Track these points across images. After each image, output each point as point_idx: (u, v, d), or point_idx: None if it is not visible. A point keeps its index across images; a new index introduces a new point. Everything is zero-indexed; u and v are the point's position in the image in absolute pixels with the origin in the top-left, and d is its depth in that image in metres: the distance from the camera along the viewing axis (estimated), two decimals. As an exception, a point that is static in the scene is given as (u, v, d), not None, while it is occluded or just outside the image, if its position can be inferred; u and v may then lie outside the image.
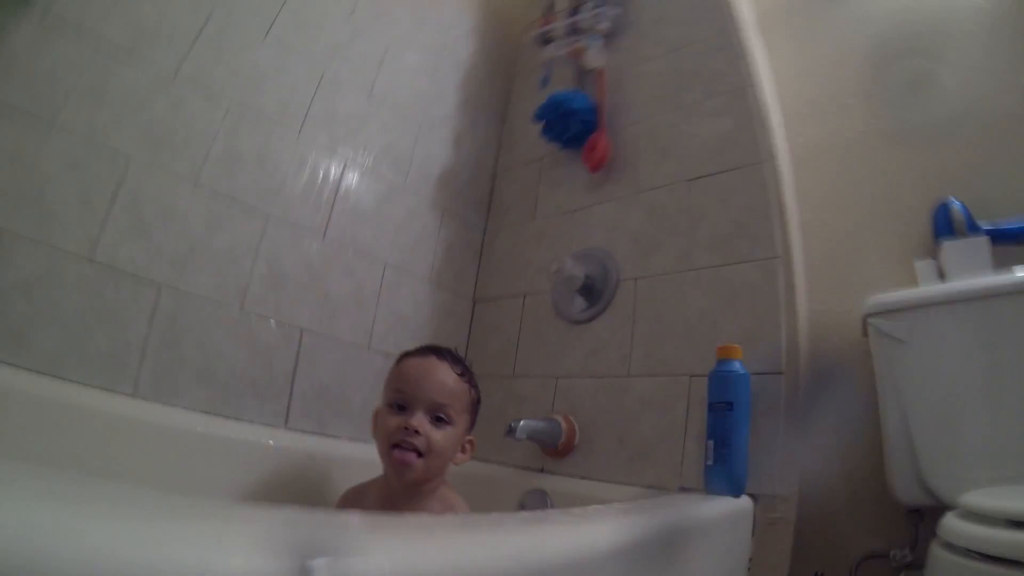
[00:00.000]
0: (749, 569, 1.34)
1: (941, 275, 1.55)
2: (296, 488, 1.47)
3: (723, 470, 1.33)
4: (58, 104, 1.28)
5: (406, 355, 1.30)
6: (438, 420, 1.21)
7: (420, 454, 1.17)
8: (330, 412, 1.71)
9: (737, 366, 1.36)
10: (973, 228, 1.55)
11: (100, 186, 1.33)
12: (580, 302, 1.84)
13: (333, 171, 1.82)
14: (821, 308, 1.69)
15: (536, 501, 1.60)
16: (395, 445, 1.18)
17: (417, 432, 1.17)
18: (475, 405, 1.32)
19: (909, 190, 1.74)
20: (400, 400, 1.22)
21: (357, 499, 1.31)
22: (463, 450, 1.29)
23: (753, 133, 1.63)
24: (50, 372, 1.22)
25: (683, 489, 1.46)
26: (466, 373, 1.30)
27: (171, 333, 1.42)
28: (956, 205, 1.57)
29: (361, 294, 1.84)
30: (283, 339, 1.63)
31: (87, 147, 1.32)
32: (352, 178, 1.86)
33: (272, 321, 1.61)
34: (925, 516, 1.46)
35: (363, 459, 1.39)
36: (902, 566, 1.47)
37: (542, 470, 1.76)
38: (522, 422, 1.54)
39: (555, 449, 1.70)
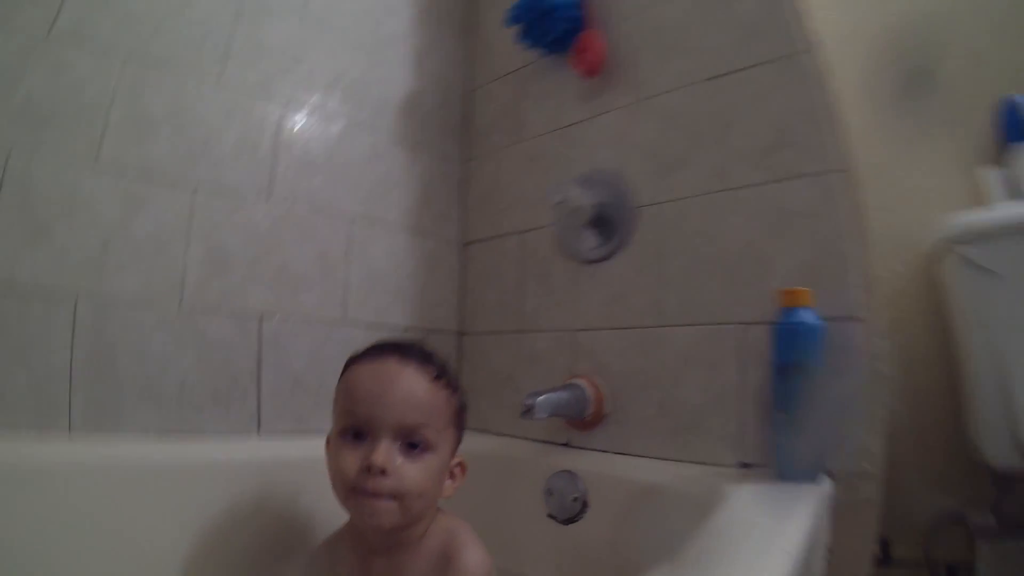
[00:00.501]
0: (829, 561, 1.09)
1: (1013, 187, 1.35)
2: (279, 509, 1.25)
3: (799, 449, 1.08)
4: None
5: (354, 360, 0.99)
6: (411, 447, 0.91)
7: (393, 497, 0.88)
8: (309, 404, 1.49)
9: (808, 315, 1.09)
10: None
11: None
12: (591, 237, 1.56)
13: (270, 116, 1.51)
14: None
15: (566, 485, 1.36)
16: (357, 490, 0.88)
17: (384, 472, 0.87)
18: (460, 414, 1.02)
19: (969, 85, 1.52)
20: (356, 425, 0.91)
21: (328, 558, 1.03)
22: (451, 475, 1.00)
23: (787, 16, 1.30)
24: None
25: (743, 465, 1.22)
26: (442, 375, 0.98)
27: (100, 350, 1.20)
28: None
29: (326, 258, 1.58)
30: (238, 331, 1.40)
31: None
32: (295, 121, 1.56)
33: (221, 313, 1.37)
34: (1014, 477, 1.30)
35: None
36: (983, 532, 1.32)
37: (567, 444, 1.52)
38: (540, 397, 1.29)
39: (583, 420, 1.46)
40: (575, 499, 1.32)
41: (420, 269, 1.81)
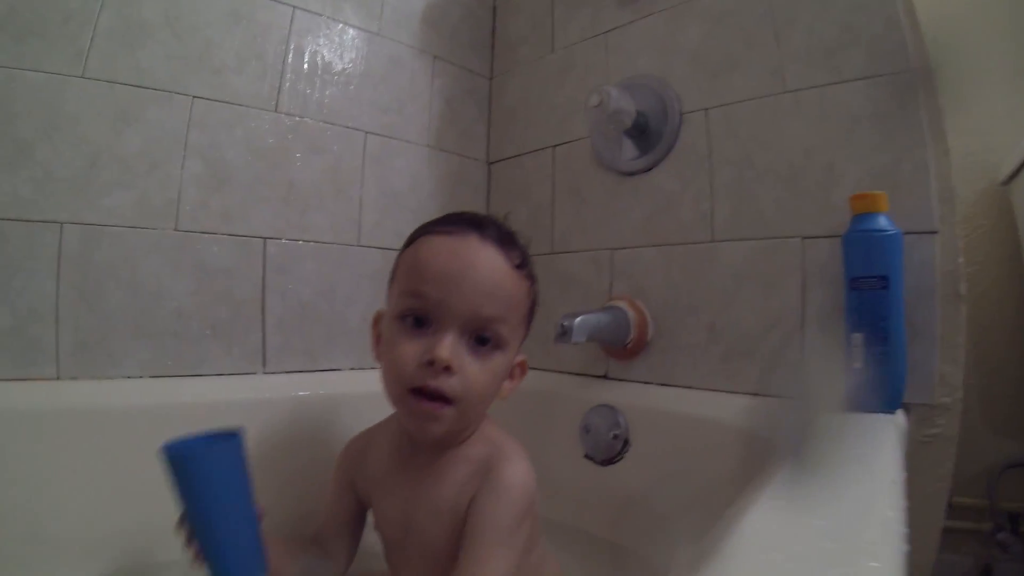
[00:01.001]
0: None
1: None
2: (289, 450, 1.19)
3: (881, 375, 0.96)
4: None
5: (426, 231, 0.87)
6: (480, 341, 0.80)
7: (450, 401, 0.78)
8: (320, 339, 1.42)
9: (885, 222, 0.97)
10: None
11: None
12: (631, 148, 1.44)
13: (279, 19, 1.39)
14: None
15: (605, 421, 1.27)
16: (415, 389, 0.78)
17: (448, 368, 0.76)
18: (533, 311, 0.91)
19: None
20: (420, 310, 0.80)
21: (362, 455, 0.96)
22: (511, 376, 0.90)
23: None
24: None
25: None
26: (525, 262, 0.87)
27: (88, 283, 1.13)
28: None
29: (338, 175, 1.47)
30: (241, 256, 1.31)
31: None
32: (305, 23, 1.44)
33: (221, 235, 1.28)
34: None
35: (372, 392, 1.09)
36: None
37: (606, 376, 1.44)
38: (578, 319, 1.18)
39: (623, 348, 1.35)
40: (615, 436, 1.24)
41: (442, 188, 1.71)
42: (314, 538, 0.95)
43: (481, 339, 0.80)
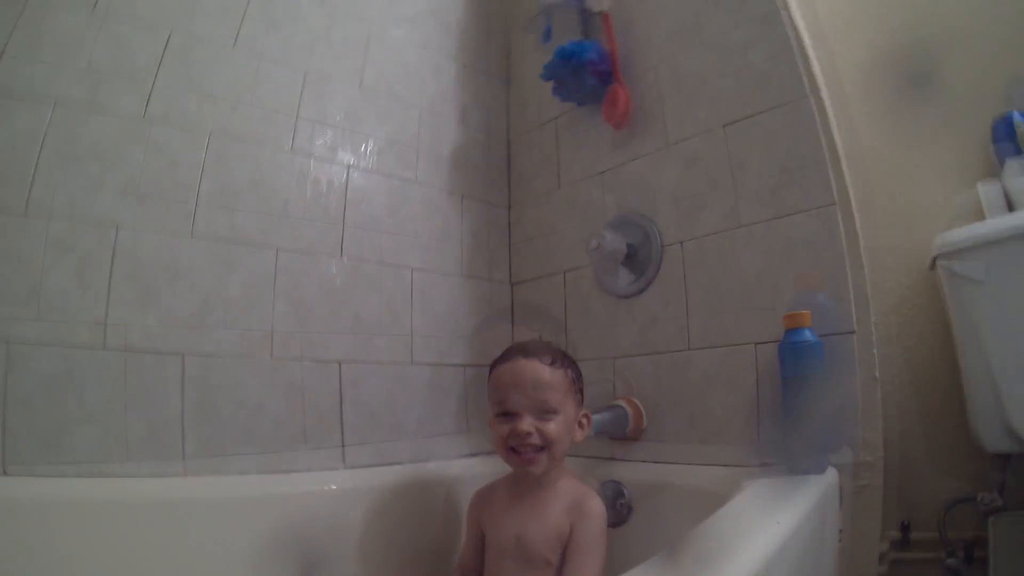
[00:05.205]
0: (840, 541, 1.28)
1: (1008, 199, 1.44)
2: (368, 526, 1.43)
3: (805, 447, 1.24)
4: (25, 182, 1.20)
5: (496, 363, 1.30)
6: (545, 414, 1.22)
7: (541, 448, 1.20)
8: (385, 440, 1.65)
9: (808, 335, 1.24)
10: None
11: (93, 263, 1.26)
12: (625, 275, 1.72)
13: (337, 179, 1.68)
14: (877, 246, 1.55)
15: (613, 492, 1.53)
16: (513, 449, 1.22)
17: (530, 433, 1.19)
18: (576, 383, 1.31)
19: (966, 105, 1.60)
20: (503, 409, 1.23)
21: (487, 498, 1.36)
22: (580, 426, 1.30)
23: (792, 63, 1.45)
24: (94, 473, 1.18)
25: (764, 464, 1.36)
26: (556, 360, 1.27)
27: (206, 399, 1.35)
28: (1020, 118, 1.44)
29: (393, 306, 1.74)
30: (321, 376, 1.55)
31: (68, 223, 1.24)
32: (359, 181, 1.72)
33: (305, 360, 1.53)
34: (1013, 459, 1.40)
35: (431, 478, 1.51)
36: (991, 510, 1.42)
37: (612, 458, 1.67)
38: (595, 417, 1.44)
39: (624, 436, 1.62)
40: (621, 505, 1.49)
41: (475, 310, 1.96)
42: (459, 567, 1.35)
43: (544, 412, 1.21)
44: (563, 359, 1.29)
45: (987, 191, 1.49)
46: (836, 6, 1.81)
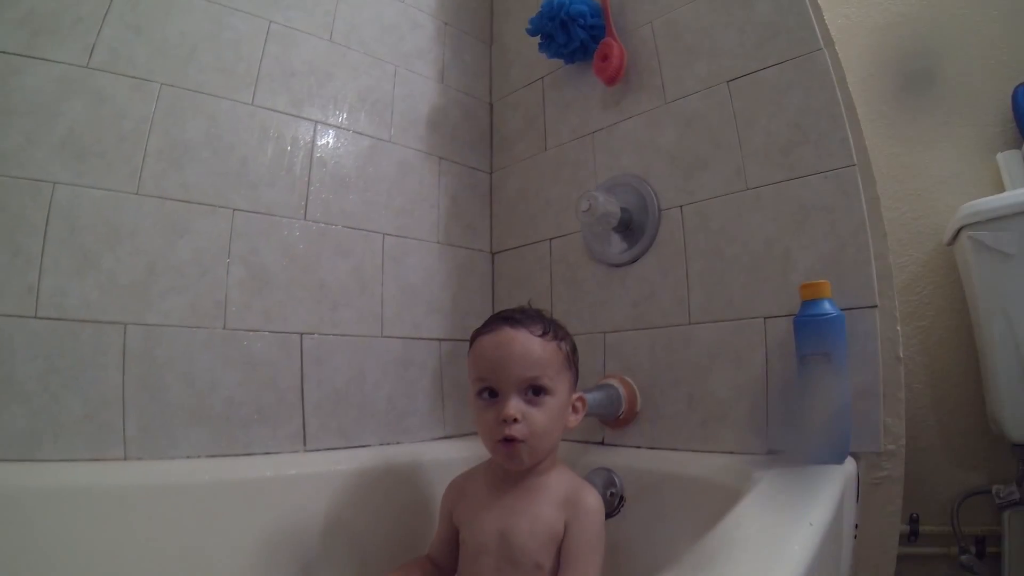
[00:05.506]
0: (856, 538, 1.16)
1: None
2: (328, 516, 1.32)
3: (823, 433, 1.11)
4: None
5: (477, 334, 1.14)
6: (535, 392, 1.07)
7: (522, 440, 1.05)
8: (352, 420, 1.53)
9: (828, 306, 1.12)
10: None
11: (25, 224, 1.15)
12: (618, 242, 1.59)
13: (302, 137, 1.55)
14: (889, 218, 1.46)
15: (603, 480, 1.40)
16: (498, 439, 1.06)
17: (516, 420, 1.04)
18: (572, 358, 1.16)
19: (982, 77, 1.56)
20: (486, 387, 1.09)
21: (460, 489, 1.21)
22: (574, 410, 1.17)
23: (803, 14, 1.32)
24: (24, 456, 1.09)
25: (772, 452, 1.25)
26: (549, 331, 1.12)
27: (150, 375, 1.25)
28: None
29: (361, 274, 1.61)
30: (281, 350, 1.44)
31: (-1, 184, 1.12)
32: (326, 141, 1.60)
33: (263, 331, 1.41)
34: None
35: (402, 462, 1.42)
36: (1008, 503, 1.36)
37: (602, 442, 1.56)
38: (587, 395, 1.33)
39: (616, 419, 1.49)
40: (612, 494, 1.36)
41: (452, 280, 1.84)
42: (427, 559, 1.20)
43: (535, 390, 1.06)
44: (556, 330, 1.14)
45: (1008, 161, 1.42)
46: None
